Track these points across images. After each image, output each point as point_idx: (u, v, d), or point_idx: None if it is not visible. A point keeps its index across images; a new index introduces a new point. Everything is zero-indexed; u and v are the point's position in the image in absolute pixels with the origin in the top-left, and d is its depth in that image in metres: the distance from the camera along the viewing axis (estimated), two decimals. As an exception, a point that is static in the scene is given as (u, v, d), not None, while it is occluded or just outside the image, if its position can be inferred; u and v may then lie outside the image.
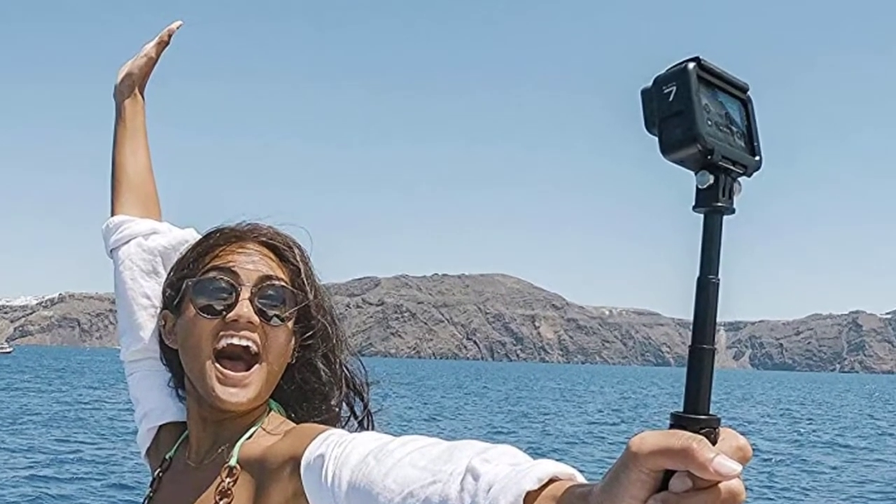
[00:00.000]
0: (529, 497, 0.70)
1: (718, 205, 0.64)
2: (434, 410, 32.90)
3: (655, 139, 0.65)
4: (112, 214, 1.55)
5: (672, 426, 0.61)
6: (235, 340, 1.20)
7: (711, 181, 0.64)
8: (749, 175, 0.68)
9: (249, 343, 1.21)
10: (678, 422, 0.61)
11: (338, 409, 1.33)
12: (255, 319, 1.21)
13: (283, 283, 1.25)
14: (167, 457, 1.34)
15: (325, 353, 1.31)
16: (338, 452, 0.99)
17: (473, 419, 29.50)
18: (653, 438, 0.59)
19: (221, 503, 1.16)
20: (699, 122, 0.63)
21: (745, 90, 0.71)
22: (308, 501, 1.04)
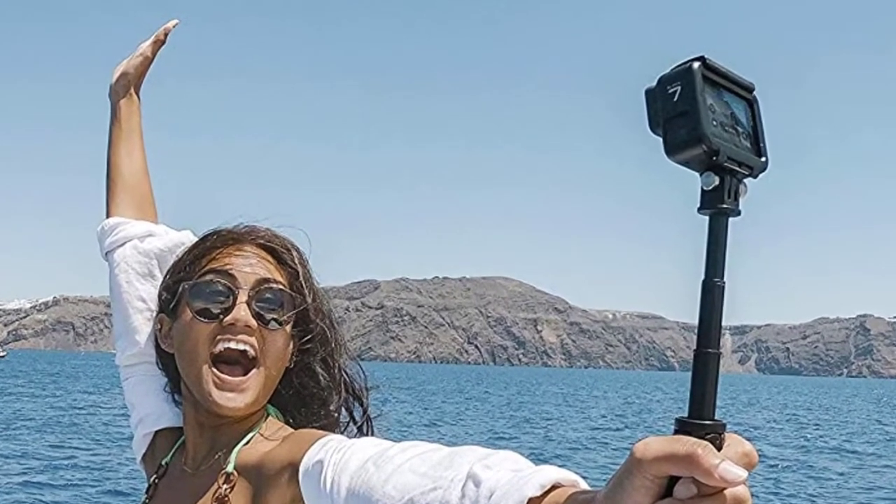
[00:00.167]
0: (532, 504, 0.70)
1: (724, 206, 0.63)
2: (434, 416, 32.85)
3: (660, 140, 0.64)
4: (107, 216, 1.54)
5: (676, 431, 0.61)
6: (233, 344, 1.19)
7: (717, 182, 0.63)
8: (755, 176, 0.67)
9: (247, 347, 1.20)
10: (683, 427, 0.61)
11: (337, 415, 1.32)
12: (253, 323, 1.20)
13: (282, 287, 1.24)
14: (163, 463, 1.33)
15: (324, 358, 1.30)
16: (337, 458, 0.98)
17: (474, 424, 29.46)
18: (657, 444, 0.58)
19: (219, 509, 1.14)
20: (704, 123, 0.62)
21: (751, 90, 0.70)
22: (306, 508, 1.03)
